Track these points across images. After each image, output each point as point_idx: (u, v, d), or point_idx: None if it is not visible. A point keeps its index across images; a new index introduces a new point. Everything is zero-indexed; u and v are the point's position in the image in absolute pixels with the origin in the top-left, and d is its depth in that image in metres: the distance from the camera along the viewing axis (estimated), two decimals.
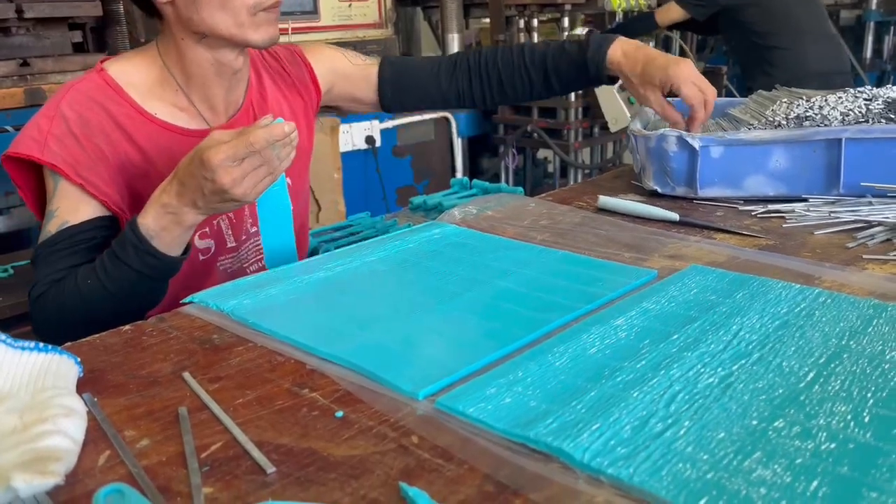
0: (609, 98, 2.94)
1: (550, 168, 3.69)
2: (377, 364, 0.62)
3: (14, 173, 0.92)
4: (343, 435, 0.54)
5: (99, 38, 2.20)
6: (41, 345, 0.59)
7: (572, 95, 2.99)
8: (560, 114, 3.07)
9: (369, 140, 2.96)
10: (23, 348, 0.58)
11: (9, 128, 1.76)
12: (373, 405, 0.57)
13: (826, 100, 1.05)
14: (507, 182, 3.29)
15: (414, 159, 3.20)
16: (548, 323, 0.69)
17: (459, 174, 3.29)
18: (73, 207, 0.89)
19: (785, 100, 1.08)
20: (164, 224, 0.83)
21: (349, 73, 1.18)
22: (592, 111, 3.05)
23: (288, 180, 1.04)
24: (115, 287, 0.84)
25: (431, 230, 0.99)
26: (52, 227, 0.89)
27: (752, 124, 1.09)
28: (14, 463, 0.46)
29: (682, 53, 3.67)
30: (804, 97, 1.07)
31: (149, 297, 0.86)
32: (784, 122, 1.05)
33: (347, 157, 2.87)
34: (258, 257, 1.05)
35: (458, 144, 3.31)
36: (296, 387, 0.60)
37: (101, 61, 0.96)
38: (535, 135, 3.13)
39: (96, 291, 0.84)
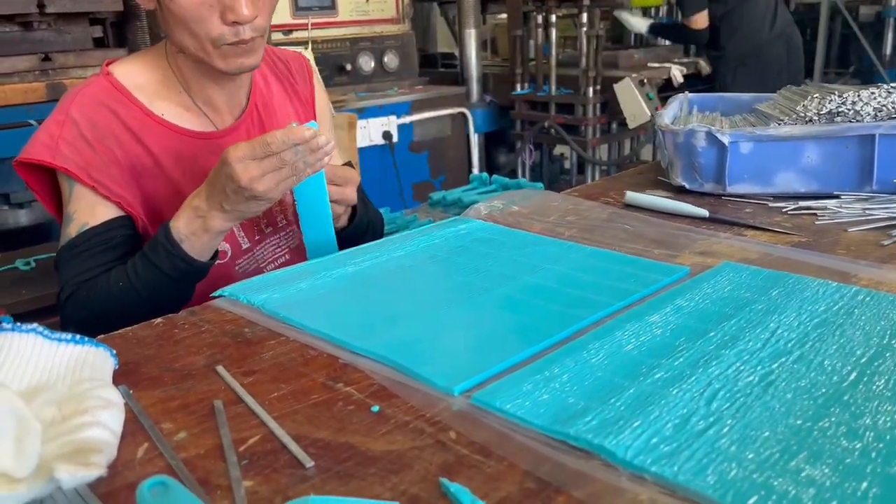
0: (628, 94, 2.92)
1: (567, 164, 3.67)
2: (410, 359, 0.62)
3: (28, 178, 0.93)
4: (380, 430, 0.53)
5: (119, 34, 2.21)
6: (77, 336, 0.59)
7: (590, 91, 2.98)
8: (578, 110, 3.06)
9: (386, 135, 2.96)
10: (59, 340, 0.58)
11: (32, 121, 1.77)
12: (408, 400, 0.57)
13: (858, 95, 1.03)
14: (523, 178, 3.28)
15: (430, 155, 3.20)
16: (581, 319, 0.68)
17: (476, 170, 3.29)
18: (89, 209, 0.90)
19: (816, 95, 1.07)
20: (193, 229, 0.85)
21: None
22: (610, 107, 3.04)
23: None
24: (145, 289, 0.86)
25: (457, 225, 0.99)
26: (71, 230, 0.91)
27: (781, 120, 1.08)
28: (55, 454, 0.46)
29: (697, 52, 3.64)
30: (836, 92, 1.05)
31: (176, 299, 0.87)
32: (815, 118, 1.04)
33: (365, 152, 2.88)
34: (274, 256, 1.06)
35: (474, 140, 3.30)
36: (330, 381, 0.60)
37: (107, 64, 0.97)
38: (553, 131, 3.11)
39: (127, 292, 0.86)
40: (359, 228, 1.02)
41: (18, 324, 0.57)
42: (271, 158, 0.79)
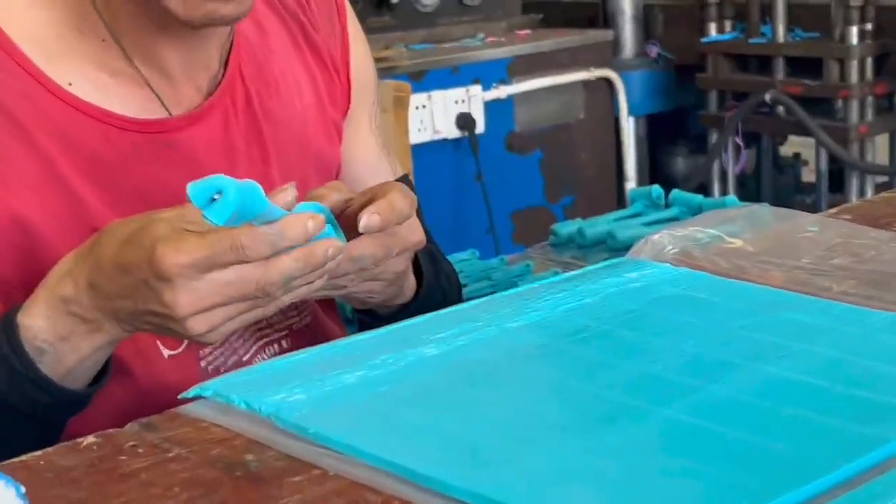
0: None
1: (808, 173, 3.64)
2: None
3: None
4: None
5: None
6: None
7: (852, 33, 2.96)
8: (829, 69, 3.04)
9: (464, 122, 3.00)
10: None
11: None
12: None
13: None
14: (730, 196, 3.27)
15: (545, 157, 3.24)
16: (882, 443, 0.68)
17: (632, 183, 3.30)
18: None
19: None
20: (64, 330, 0.88)
21: (358, 127, 1.20)
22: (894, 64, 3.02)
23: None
24: None
25: (624, 273, 1.01)
26: None
27: None
28: None
29: None
30: None
31: (29, 444, 0.88)
32: None
33: (423, 151, 2.90)
34: (263, 342, 1.09)
35: (629, 129, 3.33)
36: None
37: None
38: (781, 109, 3.11)
39: None
40: (427, 306, 1.04)
41: None
42: (238, 278, 0.82)
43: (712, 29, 3.30)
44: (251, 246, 0.81)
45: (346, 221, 0.94)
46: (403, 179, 1.22)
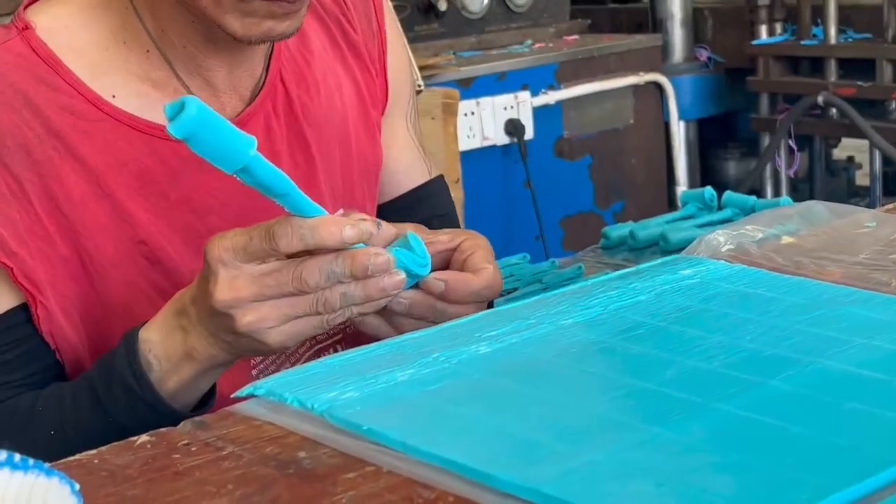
0: None
1: (862, 176, 3.61)
2: None
3: None
4: None
5: None
6: (16, 458, 0.63)
7: None
8: (882, 70, 3.01)
9: (512, 128, 3.00)
10: None
11: None
12: None
13: None
14: (785, 197, 3.25)
15: (595, 162, 3.23)
16: None
17: (683, 188, 3.28)
18: None
19: None
20: (171, 348, 0.91)
21: (393, 127, 1.22)
22: None
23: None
24: (82, 438, 0.90)
25: (679, 270, 1.01)
26: None
27: None
28: None
29: None
30: None
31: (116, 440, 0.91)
32: None
33: (472, 159, 2.92)
34: (327, 343, 1.11)
35: (679, 133, 3.31)
36: None
37: (25, 6, 1.02)
38: (833, 112, 3.08)
39: (56, 444, 0.90)
40: None
41: None
42: (278, 270, 0.85)
43: (762, 31, 3.29)
44: (280, 233, 0.83)
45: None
46: (438, 180, 1.23)
